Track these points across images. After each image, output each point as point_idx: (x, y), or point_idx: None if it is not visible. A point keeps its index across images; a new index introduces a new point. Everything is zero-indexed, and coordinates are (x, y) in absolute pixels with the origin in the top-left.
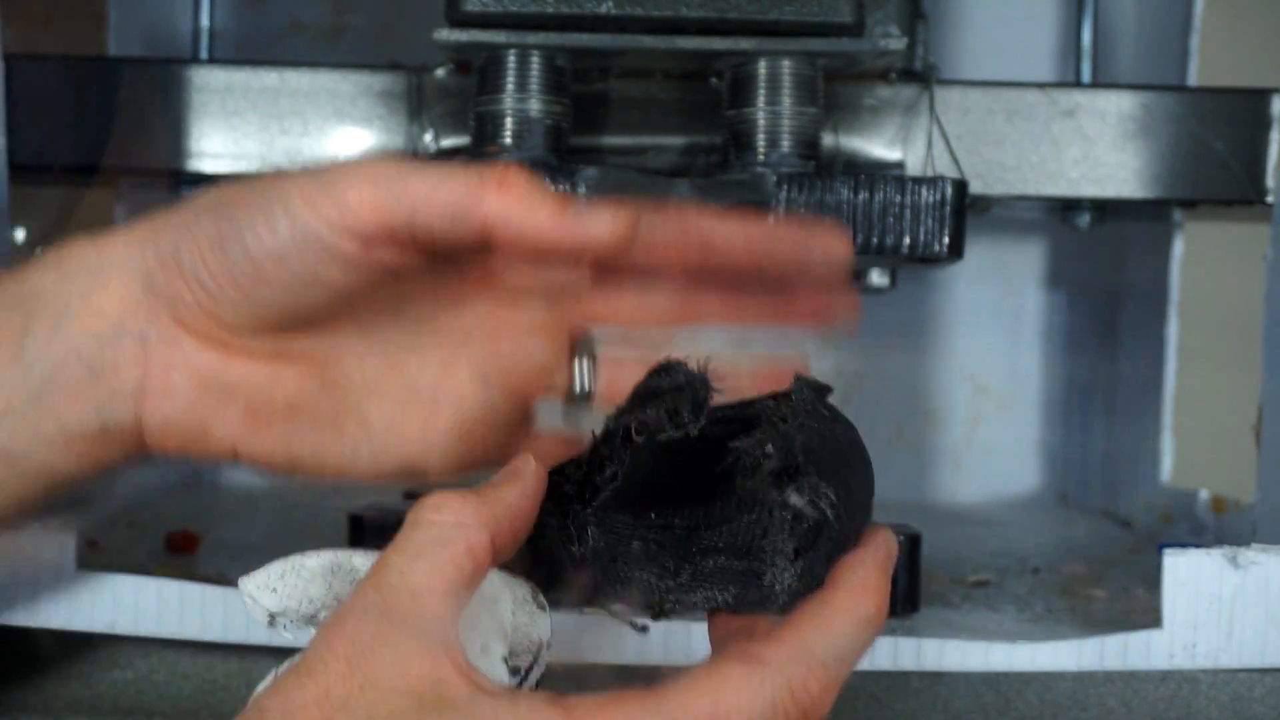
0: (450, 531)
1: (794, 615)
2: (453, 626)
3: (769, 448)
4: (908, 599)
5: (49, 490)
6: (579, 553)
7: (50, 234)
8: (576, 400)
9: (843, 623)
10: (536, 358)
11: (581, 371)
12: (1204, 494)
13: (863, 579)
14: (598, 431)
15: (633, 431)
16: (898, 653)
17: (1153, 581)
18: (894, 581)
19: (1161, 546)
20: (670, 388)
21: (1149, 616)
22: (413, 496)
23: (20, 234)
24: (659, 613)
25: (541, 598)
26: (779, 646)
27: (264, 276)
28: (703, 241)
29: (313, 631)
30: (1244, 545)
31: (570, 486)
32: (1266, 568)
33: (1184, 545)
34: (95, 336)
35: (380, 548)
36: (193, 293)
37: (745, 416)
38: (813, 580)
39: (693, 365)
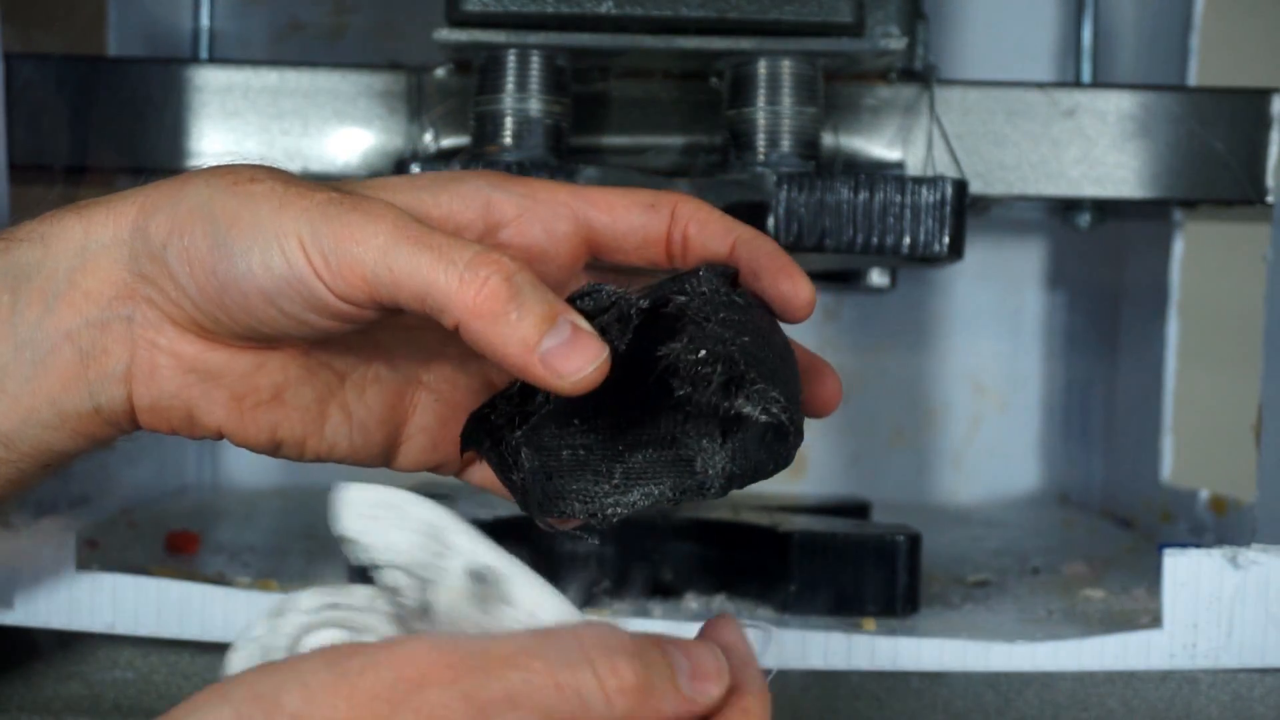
0: None
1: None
2: None
3: (705, 356)
4: (908, 599)
5: (45, 467)
6: (518, 479)
7: None
8: None
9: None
10: None
11: None
12: (1204, 494)
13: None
14: None
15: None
16: (898, 653)
17: (1153, 581)
18: (894, 581)
19: (1161, 546)
20: (595, 309)
21: (1149, 616)
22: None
23: None
24: (603, 520)
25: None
26: None
27: (251, 308)
28: (685, 245)
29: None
30: (1244, 545)
31: (501, 418)
32: (1266, 568)
33: (1184, 545)
34: (85, 319)
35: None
36: (178, 296)
37: (660, 312)
38: (748, 462)
39: (614, 287)
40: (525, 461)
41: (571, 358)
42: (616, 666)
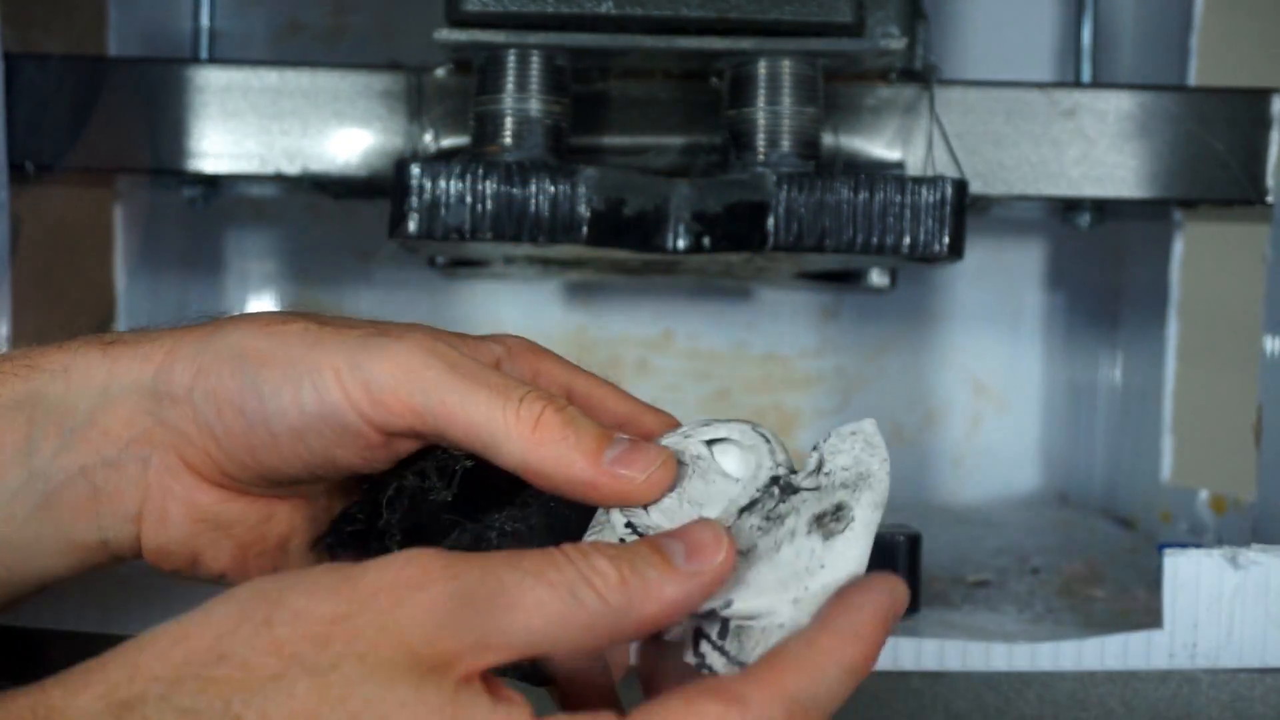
0: None
1: (776, 653)
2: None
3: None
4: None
5: (39, 589)
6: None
7: (50, 234)
8: None
9: (827, 668)
10: None
11: None
12: (1204, 494)
13: (855, 625)
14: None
15: (396, 491)
16: (898, 653)
17: (1153, 581)
18: None
19: (1161, 546)
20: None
21: (1149, 616)
22: None
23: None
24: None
25: None
26: (757, 686)
27: (278, 447)
28: None
29: None
30: (1244, 545)
31: (357, 527)
32: (1266, 568)
33: (1184, 545)
34: (102, 458)
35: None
36: (201, 440)
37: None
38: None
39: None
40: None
41: (638, 460)
42: (596, 565)
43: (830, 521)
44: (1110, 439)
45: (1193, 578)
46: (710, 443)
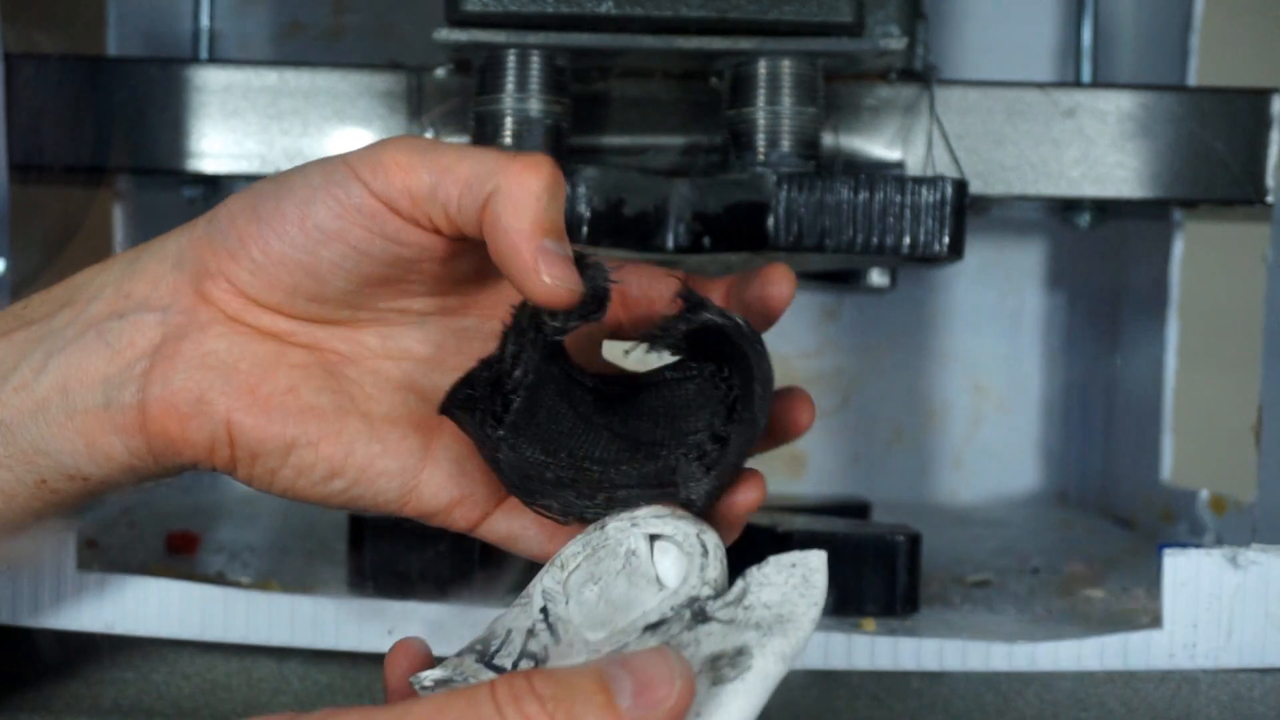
0: None
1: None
2: None
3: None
4: (908, 599)
5: (40, 482)
6: (496, 462)
7: (49, 234)
8: None
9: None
10: None
11: None
12: (1204, 494)
13: None
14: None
15: (539, 318)
16: (898, 653)
17: (1153, 581)
18: (894, 581)
19: (1161, 546)
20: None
21: (1149, 616)
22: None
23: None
24: (579, 521)
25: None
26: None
27: (289, 235)
28: (647, 304)
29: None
30: (1244, 545)
31: (481, 391)
32: (1266, 568)
33: (1184, 545)
34: (118, 314)
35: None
36: (216, 258)
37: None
38: (728, 475)
39: (592, 259)
40: (504, 461)
41: (559, 266)
42: (524, 710)
43: (725, 666)
44: (1110, 439)
45: (1193, 578)
46: (653, 537)
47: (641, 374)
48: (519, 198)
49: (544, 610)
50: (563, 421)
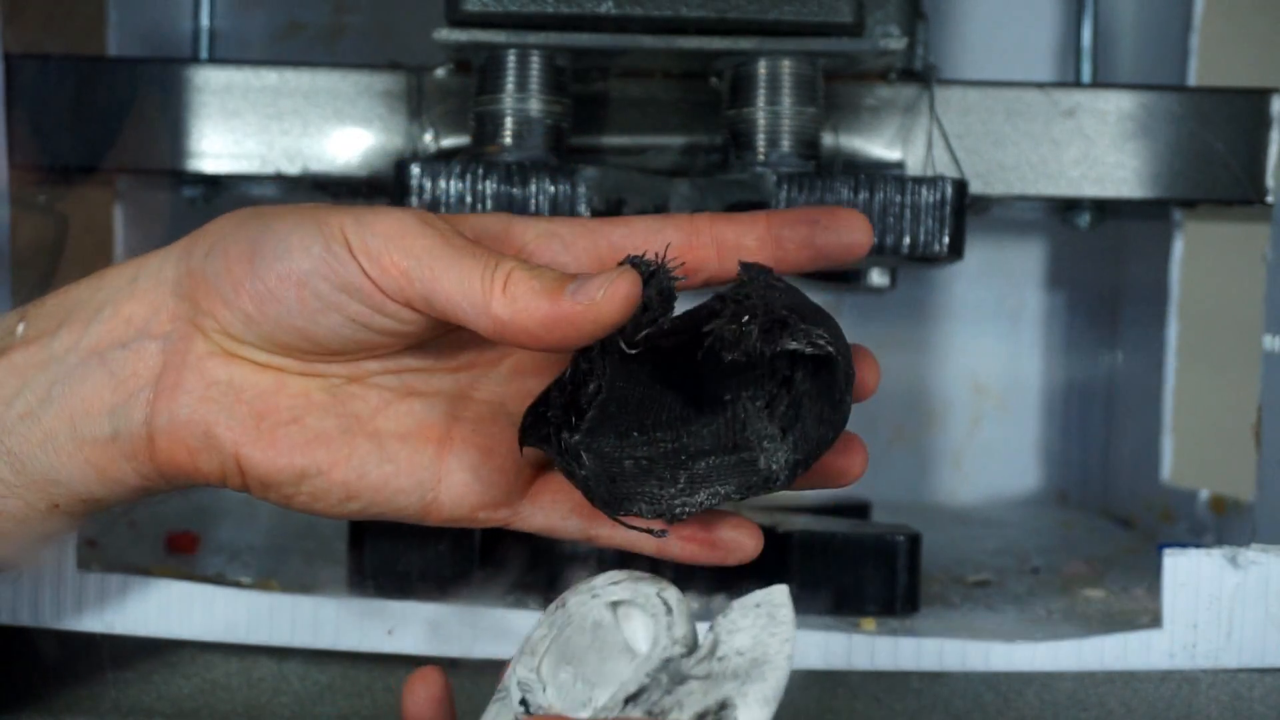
0: None
1: None
2: None
3: (745, 317)
4: (908, 599)
5: (53, 507)
6: (581, 476)
7: (48, 235)
8: None
9: None
10: None
11: None
12: (1204, 494)
13: None
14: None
15: (607, 340)
16: (898, 653)
17: (1153, 581)
18: (894, 581)
19: (1161, 546)
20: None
21: (1149, 616)
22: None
23: None
24: (671, 519)
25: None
26: None
27: (283, 298)
28: (718, 247)
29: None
30: (1244, 545)
31: (555, 412)
32: (1266, 568)
33: (1184, 545)
34: (120, 341)
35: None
36: (208, 300)
37: (706, 314)
38: (809, 445)
39: (652, 257)
40: (587, 464)
41: (594, 281)
42: None
43: None
44: (1110, 439)
45: (1192, 578)
46: (615, 604)
47: (684, 317)
48: (521, 310)
49: (523, 703)
50: (628, 402)
